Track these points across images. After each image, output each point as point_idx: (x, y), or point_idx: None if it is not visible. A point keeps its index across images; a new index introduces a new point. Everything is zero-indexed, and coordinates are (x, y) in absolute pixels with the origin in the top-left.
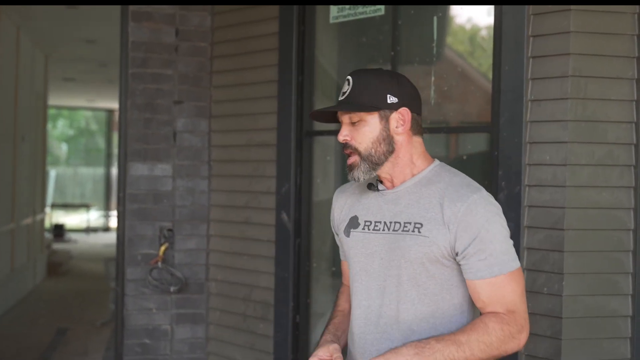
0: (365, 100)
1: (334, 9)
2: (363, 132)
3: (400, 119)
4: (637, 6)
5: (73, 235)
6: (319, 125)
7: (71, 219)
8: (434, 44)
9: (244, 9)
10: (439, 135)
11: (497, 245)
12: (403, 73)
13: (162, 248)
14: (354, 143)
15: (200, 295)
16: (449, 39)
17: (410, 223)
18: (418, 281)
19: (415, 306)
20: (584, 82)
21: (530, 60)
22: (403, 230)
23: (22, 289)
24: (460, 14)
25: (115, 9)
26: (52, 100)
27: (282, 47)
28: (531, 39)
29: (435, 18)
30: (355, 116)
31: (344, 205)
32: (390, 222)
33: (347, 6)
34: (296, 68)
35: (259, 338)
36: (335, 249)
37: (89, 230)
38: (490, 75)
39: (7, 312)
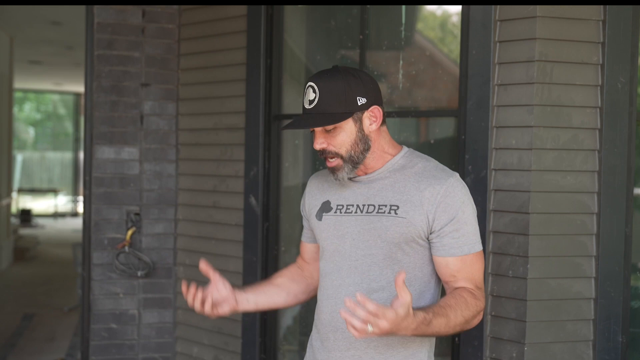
0: (336, 108)
1: None
2: (340, 138)
3: (373, 116)
4: None
5: (40, 221)
6: (288, 109)
7: (39, 204)
8: (403, 29)
9: None
10: (408, 119)
11: (469, 226)
12: (372, 57)
13: (129, 232)
14: (333, 149)
15: (168, 279)
16: (419, 24)
17: (385, 205)
18: (393, 260)
19: (389, 283)
20: (550, 67)
21: (498, 44)
22: (378, 212)
23: None
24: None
25: None
26: (18, 84)
27: (250, 30)
28: (498, 23)
29: (403, 4)
30: (329, 125)
31: (316, 190)
32: (364, 205)
33: None
34: (265, 51)
35: (226, 322)
36: None
37: (56, 215)
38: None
39: None
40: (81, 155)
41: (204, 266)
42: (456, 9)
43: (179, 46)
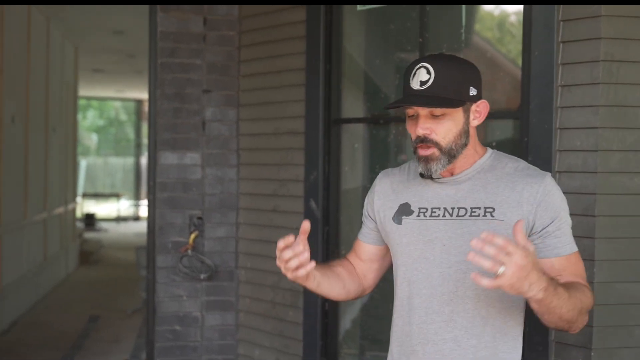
0: (451, 94)
1: None
2: (447, 126)
3: (478, 112)
4: None
5: (104, 225)
6: (347, 113)
7: (102, 209)
8: (462, 30)
9: None
10: None
11: (568, 226)
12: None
13: (192, 236)
14: (435, 137)
15: (230, 282)
16: (477, 25)
17: (479, 208)
18: None
19: (485, 291)
20: (616, 67)
21: (561, 45)
22: (472, 216)
23: (54, 277)
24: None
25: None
26: (82, 92)
27: (309, 35)
28: (561, 23)
29: (463, 6)
30: (439, 110)
31: (389, 191)
32: (452, 208)
33: None
34: (324, 56)
35: (288, 325)
36: None
37: (119, 219)
38: (519, 62)
39: (40, 300)
40: (143, 160)
41: (306, 226)
42: (514, 8)
43: (239, 53)
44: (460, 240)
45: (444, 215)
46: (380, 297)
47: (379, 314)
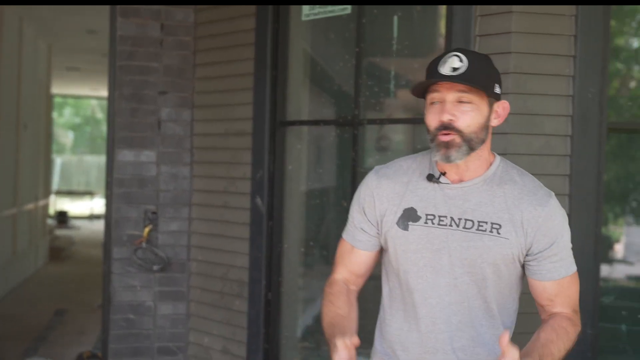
0: (483, 83)
1: (305, 8)
2: (472, 115)
3: (499, 112)
4: (574, 8)
5: (76, 222)
6: (292, 116)
7: (76, 206)
8: (394, 42)
9: (224, 6)
10: (397, 126)
11: (567, 250)
12: (367, 68)
13: (147, 229)
14: (459, 125)
15: (182, 274)
16: (409, 37)
17: (486, 223)
18: (492, 280)
19: (487, 303)
20: (524, 79)
21: None
22: (478, 230)
23: (23, 272)
24: (419, 15)
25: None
26: (58, 89)
27: (258, 43)
28: (478, 38)
29: (395, 17)
30: (467, 97)
31: (391, 194)
32: (460, 219)
33: (318, 5)
34: (270, 62)
35: (234, 314)
36: (305, 230)
37: (92, 217)
38: None
39: (8, 294)
40: None
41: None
42: (440, 23)
43: (194, 57)
44: (466, 253)
45: (450, 225)
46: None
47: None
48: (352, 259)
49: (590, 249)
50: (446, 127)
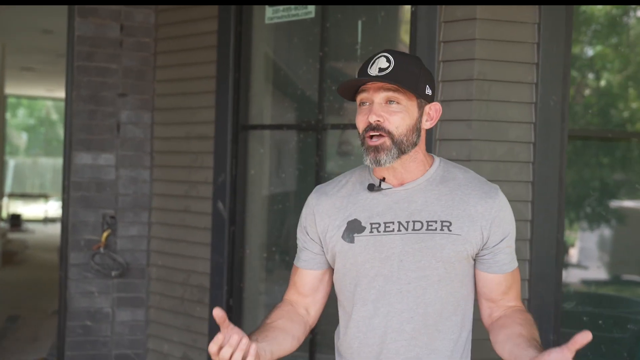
0: (410, 84)
1: (269, 10)
2: (401, 116)
3: (431, 114)
4: (537, 16)
5: (30, 226)
6: (254, 120)
7: (30, 209)
8: (358, 46)
9: (185, 7)
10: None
11: (514, 242)
12: (331, 72)
13: (105, 234)
14: (387, 125)
15: (141, 279)
16: (373, 42)
17: (435, 221)
18: (446, 280)
19: (443, 306)
20: (488, 85)
21: (441, 64)
22: (428, 229)
23: None
24: (383, 20)
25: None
26: (11, 90)
27: (220, 45)
28: (442, 44)
29: (360, 22)
30: (395, 97)
31: (331, 209)
32: (407, 222)
33: (281, 8)
34: (233, 65)
35: (195, 320)
36: (267, 235)
37: (47, 220)
38: None
39: None
40: None
41: (219, 313)
42: (405, 28)
43: (155, 59)
44: (419, 255)
45: (399, 230)
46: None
47: None
48: (297, 280)
49: (553, 255)
50: (374, 129)
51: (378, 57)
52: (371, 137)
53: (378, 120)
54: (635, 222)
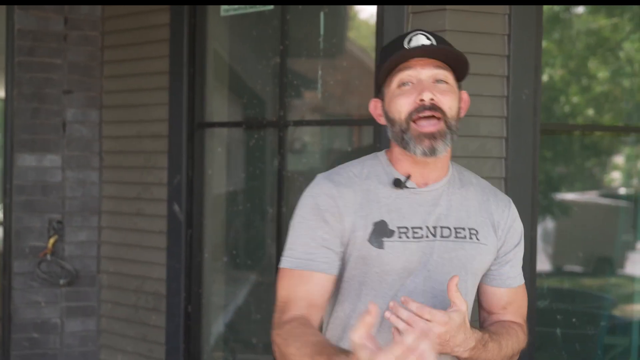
0: (463, 60)
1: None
2: (452, 97)
3: (463, 102)
4: (507, 7)
5: None
6: (211, 117)
7: None
8: (321, 39)
9: None
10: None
11: (522, 255)
12: (292, 66)
13: (51, 240)
14: (442, 105)
15: (92, 287)
16: (337, 35)
17: (463, 229)
18: (470, 295)
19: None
20: None
21: None
22: (457, 237)
23: None
24: (347, 12)
25: None
26: None
27: (173, 39)
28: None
29: (322, 14)
30: (445, 75)
31: (355, 204)
32: (435, 228)
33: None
34: (187, 60)
35: (151, 329)
36: (226, 238)
37: None
38: None
39: None
40: None
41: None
42: (371, 20)
43: (102, 54)
44: (448, 266)
45: (427, 237)
46: (253, 301)
47: (251, 318)
48: (310, 288)
49: (527, 252)
50: (430, 108)
51: (414, 35)
52: (422, 121)
53: (432, 99)
54: (578, 215)
